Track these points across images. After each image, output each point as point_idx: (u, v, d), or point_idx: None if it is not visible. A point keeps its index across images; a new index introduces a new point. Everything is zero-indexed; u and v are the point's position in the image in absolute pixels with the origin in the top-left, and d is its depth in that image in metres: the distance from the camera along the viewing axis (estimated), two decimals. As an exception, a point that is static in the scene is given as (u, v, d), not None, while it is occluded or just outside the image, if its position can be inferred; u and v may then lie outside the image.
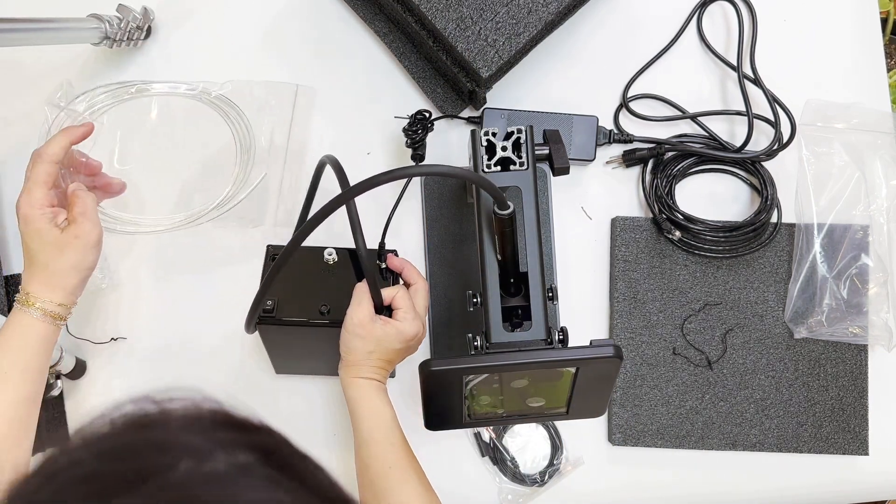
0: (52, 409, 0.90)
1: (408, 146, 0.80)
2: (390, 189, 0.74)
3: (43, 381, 0.69)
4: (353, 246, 0.77)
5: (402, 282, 0.80)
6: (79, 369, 0.91)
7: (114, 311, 0.93)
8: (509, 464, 0.89)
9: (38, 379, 0.69)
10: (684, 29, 0.96)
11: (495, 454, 0.89)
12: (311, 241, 0.80)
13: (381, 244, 0.79)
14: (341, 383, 0.75)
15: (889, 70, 1.26)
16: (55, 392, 0.89)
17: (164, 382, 0.83)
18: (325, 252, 0.78)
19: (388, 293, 0.75)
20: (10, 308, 0.89)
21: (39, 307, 0.68)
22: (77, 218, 0.69)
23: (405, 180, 0.82)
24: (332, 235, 0.94)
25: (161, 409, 0.34)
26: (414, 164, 0.83)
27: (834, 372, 0.90)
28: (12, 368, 0.67)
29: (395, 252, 0.80)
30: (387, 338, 0.73)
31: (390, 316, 0.75)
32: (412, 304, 0.75)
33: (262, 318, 0.76)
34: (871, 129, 0.91)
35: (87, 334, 0.93)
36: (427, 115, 0.85)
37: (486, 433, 0.90)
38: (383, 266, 0.79)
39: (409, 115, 0.85)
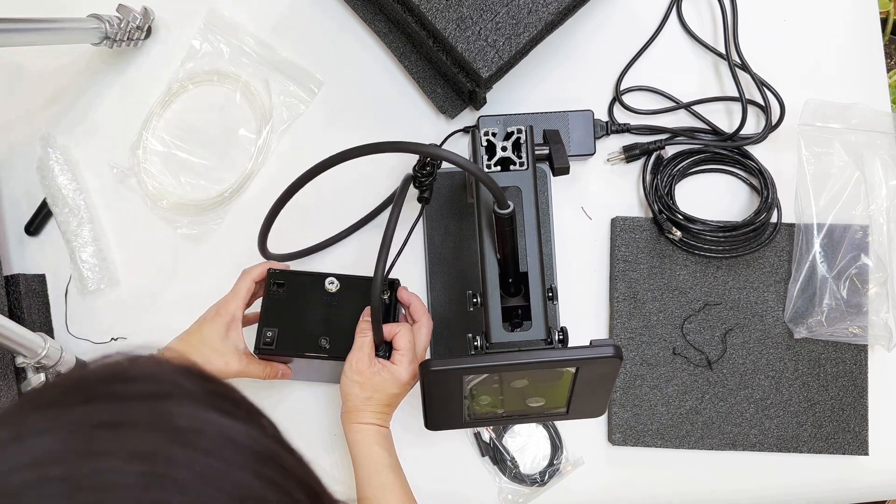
0: (52, 409, 0.90)
1: (415, 186, 0.80)
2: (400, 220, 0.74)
3: None
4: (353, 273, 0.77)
5: (405, 317, 0.80)
6: (79, 369, 0.91)
7: (114, 311, 0.93)
8: (509, 464, 0.89)
9: None
10: (666, 18, 0.96)
11: (495, 454, 0.89)
12: (314, 268, 0.81)
13: (387, 276, 0.78)
14: (343, 427, 0.76)
15: (889, 70, 1.26)
16: (55, 392, 0.89)
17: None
18: (327, 281, 0.78)
19: (390, 330, 0.75)
20: (10, 309, 0.89)
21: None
22: (241, 357, 0.75)
23: (416, 225, 0.82)
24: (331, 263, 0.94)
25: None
26: (421, 205, 0.82)
27: (834, 372, 0.90)
28: None
29: (404, 287, 0.81)
30: (384, 384, 0.74)
31: (390, 354, 0.75)
32: (413, 344, 0.75)
33: (262, 349, 0.76)
34: (870, 129, 0.91)
35: (87, 334, 0.93)
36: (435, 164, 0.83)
37: (486, 433, 0.90)
38: (386, 296, 0.78)
39: (414, 167, 0.83)
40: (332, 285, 0.78)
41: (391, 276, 0.80)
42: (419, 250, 0.92)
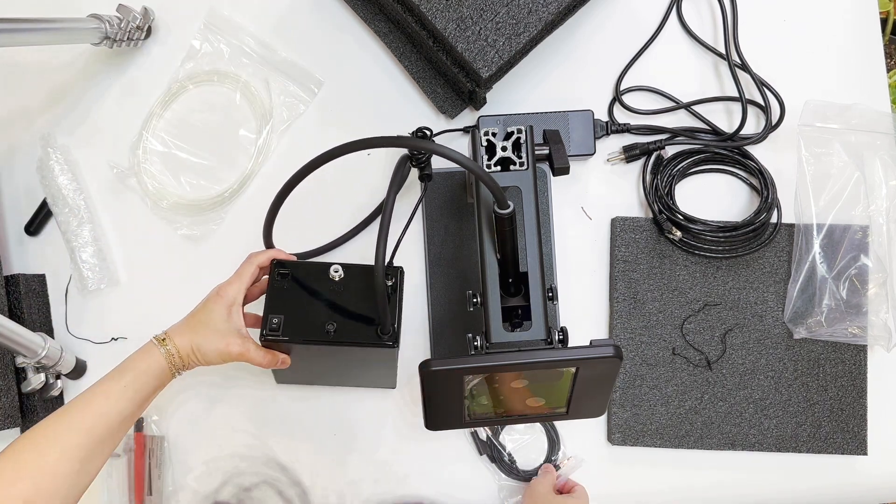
0: (52, 408, 0.90)
1: (413, 165, 0.79)
2: (399, 206, 0.74)
3: (143, 406, 0.73)
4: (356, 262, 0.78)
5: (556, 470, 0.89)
6: (79, 369, 0.91)
7: (114, 311, 0.93)
8: (507, 461, 0.89)
9: (142, 402, 0.72)
10: (666, 18, 0.96)
11: (493, 452, 0.89)
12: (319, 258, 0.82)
13: (390, 263, 0.78)
14: None
15: (889, 70, 1.26)
16: (55, 392, 0.89)
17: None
18: (332, 269, 0.77)
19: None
20: (10, 309, 0.89)
21: (168, 349, 0.73)
22: (243, 339, 0.75)
23: (419, 205, 0.82)
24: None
25: None
26: (423, 184, 0.82)
27: (833, 372, 0.90)
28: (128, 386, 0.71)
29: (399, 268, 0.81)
30: None
31: (397, 339, 0.76)
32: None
33: (268, 336, 0.75)
34: (870, 130, 0.91)
35: (87, 334, 0.93)
36: (429, 132, 0.84)
37: (483, 431, 0.90)
38: (390, 282, 0.78)
39: (410, 133, 0.84)
40: (336, 273, 0.77)
41: (398, 263, 0.79)
42: (419, 250, 0.92)
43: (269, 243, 0.80)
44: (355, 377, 0.90)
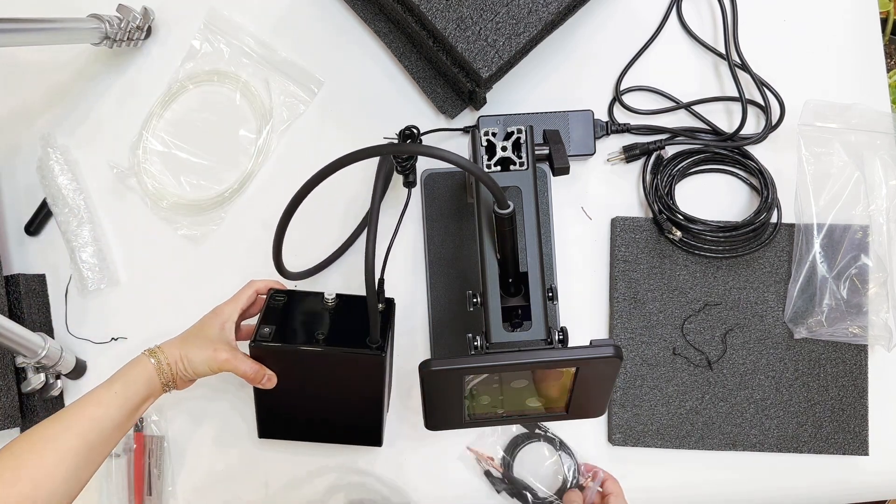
0: (52, 408, 0.90)
1: (398, 172, 0.78)
2: (387, 216, 0.73)
3: (134, 415, 0.74)
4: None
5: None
6: (79, 369, 0.91)
7: (114, 311, 0.94)
8: (526, 493, 0.88)
9: (132, 411, 0.73)
10: (666, 18, 0.96)
11: (510, 488, 0.88)
12: (313, 286, 0.82)
13: (380, 280, 0.78)
14: None
15: (889, 70, 1.26)
16: (55, 392, 0.89)
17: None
18: (326, 293, 0.80)
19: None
20: (10, 309, 0.89)
21: (157, 359, 0.75)
22: (232, 349, 0.77)
23: (404, 214, 0.81)
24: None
25: None
26: (406, 188, 0.81)
27: (834, 372, 0.90)
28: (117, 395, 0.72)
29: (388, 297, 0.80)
30: None
31: (384, 347, 0.77)
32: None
33: (258, 340, 0.76)
34: (870, 130, 0.91)
35: (87, 334, 0.93)
36: (415, 131, 0.82)
37: (496, 471, 0.89)
38: (381, 306, 0.78)
39: (397, 133, 0.83)
40: (330, 296, 0.80)
41: (390, 290, 0.80)
42: (419, 250, 0.92)
43: (280, 267, 0.79)
44: (341, 426, 0.87)
